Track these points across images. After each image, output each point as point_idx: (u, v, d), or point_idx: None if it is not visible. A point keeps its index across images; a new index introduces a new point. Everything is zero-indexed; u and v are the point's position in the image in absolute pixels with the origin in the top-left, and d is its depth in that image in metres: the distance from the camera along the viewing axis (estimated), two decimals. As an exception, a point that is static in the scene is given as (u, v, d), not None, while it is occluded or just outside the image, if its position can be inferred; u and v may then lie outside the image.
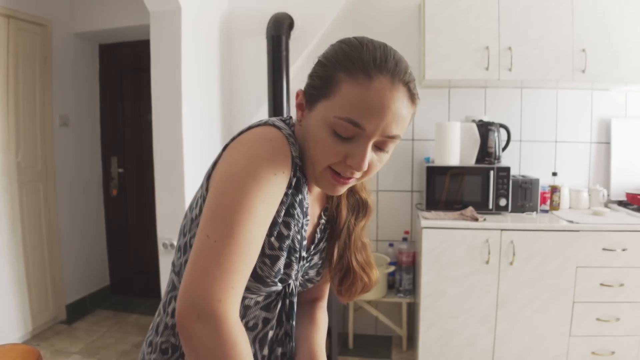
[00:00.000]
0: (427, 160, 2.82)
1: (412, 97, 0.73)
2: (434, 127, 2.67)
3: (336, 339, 2.59)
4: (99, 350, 2.94)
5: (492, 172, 2.55)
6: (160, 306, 0.88)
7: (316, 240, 0.89)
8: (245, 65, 2.76)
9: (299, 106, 0.79)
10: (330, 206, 0.92)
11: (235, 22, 2.76)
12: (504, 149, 2.77)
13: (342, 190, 0.79)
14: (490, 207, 2.57)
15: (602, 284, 2.41)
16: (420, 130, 3.00)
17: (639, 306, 2.41)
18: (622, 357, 2.47)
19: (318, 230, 0.89)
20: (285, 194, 0.75)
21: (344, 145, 0.72)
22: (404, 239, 2.91)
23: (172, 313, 0.82)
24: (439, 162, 2.62)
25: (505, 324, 2.46)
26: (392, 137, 0.72)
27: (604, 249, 2.39)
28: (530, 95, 2.95)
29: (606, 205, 2.82)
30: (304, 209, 0.80)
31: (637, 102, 2.91)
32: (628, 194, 2.78)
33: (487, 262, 2.41)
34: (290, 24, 2.59)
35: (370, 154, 0.73)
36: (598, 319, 2.44)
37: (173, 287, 0.84)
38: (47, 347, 2.96)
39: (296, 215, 0.77)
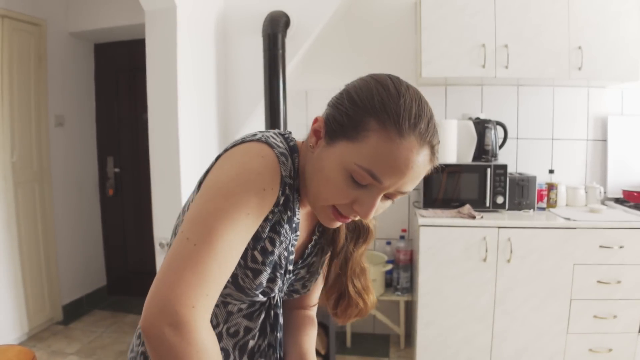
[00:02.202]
0: (424, 158, 2.81)
1: (433, 159, 0.71)
2: (431, 125, 2.66)
3: (334, 337, 2.58)
4: (96, 350, 2.92)
5: (489, 170, 2.55)
6: None
7: (305, 255, 0.88)
8: (241, 63, 2.75)
9: (316, 133, 0.75)
10: (327, 228, 0.90)
11: (231, 20, 2.75)
12: (500, 146, 2.77)
13: (338, 224, 0.78)
14: (488, 204, 2.57)
15: (599, 282, 2.42)
16: (417, 129, 2.98)
17: (636, 303, 2.42)
18: (620, 355, 2.47)
19: (309, 246, 0.88)
20: (272, 212, 0.74)
21: (355, 190, 0.70)
22: (402, 237, 2.91)
23: None
24: (436, 160, 2.61)
25: (503, 321, 2.46)
26: (404, 193, 0.72)
27: (601, 247, 2.39)
28: (527, 92, 2.95)
29: (603, 203, 2.83)
30: (293, 225, 0.79)
31: (633, 99, 2.92)
32: (625, 191, 2.79)
33: (485, 260, 2.41)
34: (287, 22, 2.58)
35: (378, 203, 0.72)
36: (595, 316, 2.44)
37: None
38: (44, 348, 2.94)
39: (283, 233, 0.77)
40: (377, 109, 0.67)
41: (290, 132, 0.84)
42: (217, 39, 2.69)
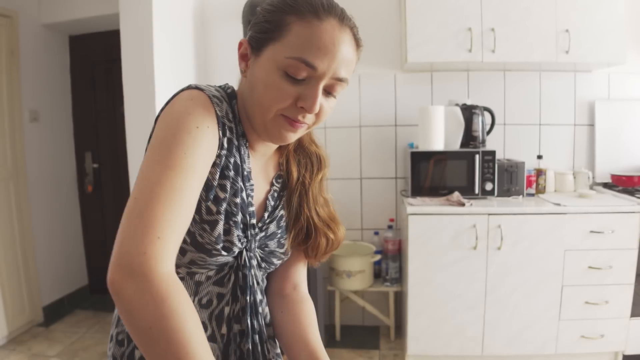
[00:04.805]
0: (411, 146, 2.76)
1: (357, 41, 0.75)
2: (417, 112, 2.61)
3: (323, 331, 2.53)
4: (78, 352, 2.83)
5: (477, 156, 2.51)
6: None
7: (270, 208, 0.86)
8: (221, 51, 2.67)
9: (243, 57, 0.78)
10: (282, 168, 0.90)
11: (209, 7, 2.66)
12: (488, 132, 2.73)
13: (293, 137, 0.78)
14: (477, 191, 2.53)
15: (590, 267, 2.39)
16: (403, 116, 2.93)
17: (628, 288, 2.40)
18: (612, 340, 2.46)
19: (270, 197, 0.86)
20: (218, 155, 0.74)
21: (295, 87, 0.72)
22: (390, 227, 2.86)
23: None
24: (423, 147, 2.56)
25: (495, 309, 2.43)
26: (341, 80, 0.74)
27: (591, 232, 2.37)
28: (514, 78, 2.90)
29: (591, 188, 2.80)
30: (244, 173, 0.79)
31: (620, 84, 2.89)
32: (613, 176, 2.77)
33: (475, 248, 2.37)
34: (267, 8, 2.50)
35: (321, 97, 0.73)
36: (587, 302, 2.42)
37: None
38: (24, 351, 2.85)
39: (231, 178, 0.76)
40: (291, 5, 0.72)
41: (228, 84, 0.85)
42: (196, 26, 2.60)
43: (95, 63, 3.54)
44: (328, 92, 0.75)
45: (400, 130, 2.96)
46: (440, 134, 2.56)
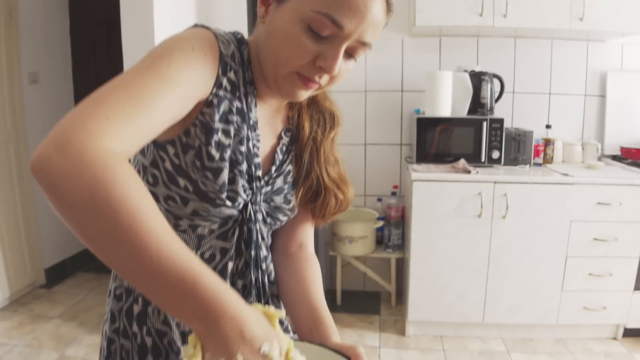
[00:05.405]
0: (418, 112, 2.71)
1: (389, 6, 0.69)
2: (425, 78, 2.55)
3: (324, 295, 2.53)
4: (80, 313, 2.85)
5: (485, 124, 2.46)
6: None
7: (277, 162, 0.82)
8: (224, 12, 2.59)
9: (263, 0, 0.72)
10: (292, 122, 0.85)
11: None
12: (497, 100, 2.66)
13: (304, 95, 0.73)
14: (483, 159, 2.49)
15: (595, 239, 2.37)
16: (410, 81, 2.87)
17: (633, 261, 2.38)
18: (614, 312, 2.45)
19: (278, 150, 0.82)
20: (216, 95, 0.69)
21: (316, 44, 0.66)
22: (393, 194, 2.83)
23: None
24: (429, 113, 2.51)
25: (497, 278, 2.41)
26: (365, 44, 0.69)
27: (598, 203, 2.33)
28: (524, 45, 2.82)
29: (599, 160, 2.75)
30: (250, 122, 0.74)
31: (633, 54, 2.81)
32: (622, 148, 2.72)
33: (480, 216, 2.34)
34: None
35: (341, 58, 0.68)
36: (591, 274, 2.41)
37: None
38: (26, 312, 2.87)
39: (235, 123, 0.72)
40: None
41: (238, 31, 0.79)
42: (198, -15, 2.52)
43: (95, 25, 3.48)
44: (349, 54, 0.70)
45: (407, 96, 2.90)
46: (448, 100, 2.50)
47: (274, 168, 0.81)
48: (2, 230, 2.90)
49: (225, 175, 0.71)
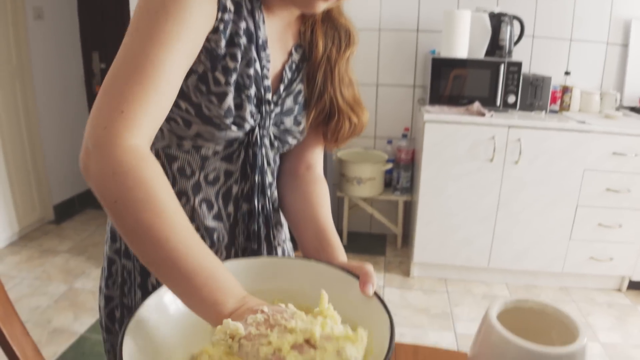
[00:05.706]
0: (433, 52, 2.62)
1: None
2: (442, 17, 2.45)
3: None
4: (88, 248, 2.89)
5: (502, 67, 2.38)
6: None
7: (286, 81, 0.77)
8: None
9: None
10: (303, 38, 0.79)
11: None
12: (515, 43, 2.56)
13: (322, 6, 0.66)
14: (498, 103, 2.42)
15: (608, 189, 2.33)
16: (426, 21, 2.76)
17: (643, 213, 2.35)
18: (620, 264, 2.45)
19: (287, 67, 0.77)
20: (221, 20, 0.64)
21: None
22: (404, 136, 2.78)
23: None
24: (445, 53, 2.43)
25: (505, 223, 2.40)
26: None
27: (614, 153, 2.28)
28: (548, -13, 2.69)
29: (617, 110, 2.67)
30: (259, 42, 0.70)
31: (661, 2, 2.68)
32: (642, 99, 2.64)
33: (492, 160, 2.30)
34: None
35: None
36: (600, 224, 2.39)
37: None
38: (35, 246, 2.91)
39: (242, 45, 0.68)
40: None
41: None
42: None
43: (101, -43, 3.35)
44: None
45: (422, 37, 2.79)
46: (465, 41, 2.41)
47: (282, 87, 0.77)
48: (10, 166, 2.90)
49: (230, 100, 0.68)
